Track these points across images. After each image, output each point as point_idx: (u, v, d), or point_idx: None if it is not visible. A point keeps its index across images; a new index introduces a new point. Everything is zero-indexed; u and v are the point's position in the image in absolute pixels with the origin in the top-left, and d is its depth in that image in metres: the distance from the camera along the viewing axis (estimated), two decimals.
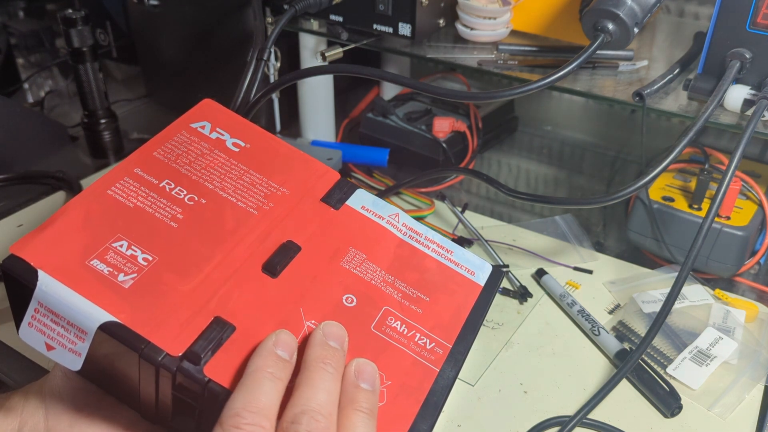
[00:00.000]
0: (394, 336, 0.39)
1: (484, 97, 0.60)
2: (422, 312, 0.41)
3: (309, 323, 0.38)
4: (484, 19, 0.67)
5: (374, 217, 0.45)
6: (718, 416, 0.50)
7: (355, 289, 0.40)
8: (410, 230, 0.45)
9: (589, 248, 0.68)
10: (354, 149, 0.80)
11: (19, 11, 1.05)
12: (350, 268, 0.41)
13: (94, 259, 0.36)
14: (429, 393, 0.37)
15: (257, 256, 0.40)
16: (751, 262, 0.63)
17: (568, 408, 0.50)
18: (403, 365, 0.38)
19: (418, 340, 0.39)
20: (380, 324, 0.39)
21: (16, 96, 0.98)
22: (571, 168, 0.84)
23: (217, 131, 0.45)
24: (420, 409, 0.37)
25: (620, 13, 0.54)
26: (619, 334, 0.57)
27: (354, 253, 0.42)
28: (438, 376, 0.38)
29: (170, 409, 0.37)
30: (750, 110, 0.53)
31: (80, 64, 0.77)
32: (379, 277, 0.42)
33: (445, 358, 0.39)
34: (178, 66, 0.86)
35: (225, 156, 0.44)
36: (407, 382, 0.37)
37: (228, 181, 0.43)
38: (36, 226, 0.37)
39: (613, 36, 0.55)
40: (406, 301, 0.41)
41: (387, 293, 0.41)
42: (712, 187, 0.63)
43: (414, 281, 0.42)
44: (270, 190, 0.43)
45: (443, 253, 0.45)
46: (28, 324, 0.35)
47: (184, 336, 0.35)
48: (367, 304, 0.40)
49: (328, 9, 0.70)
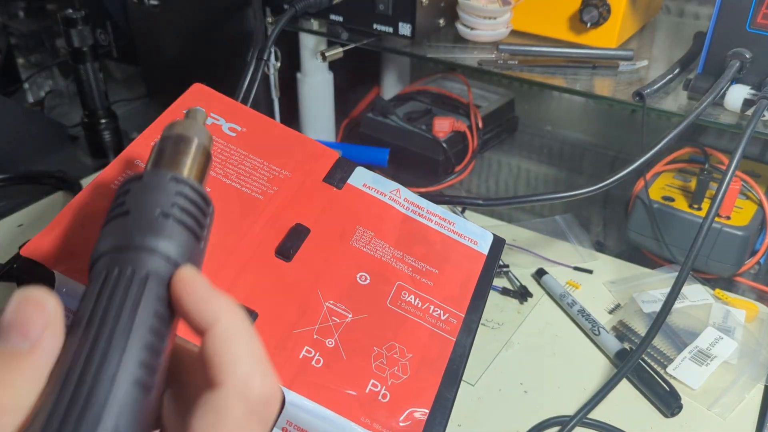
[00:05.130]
0: (409, 310, 0.40)
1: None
2: (433, 284, 0.42)
3: (328, 304, 0.38)
4: (484, 18, 0.67)
5: (377, 194, 0.46)
6: (718, 416, 0.50)
7: (367, 267, 0.41)
8: (412, 205, 0.46)
9: (589, 248, 0.68)
10: (354, 149, 0.80)
11: (19, 11, 1.05)
12: (360, 247, 0.42)
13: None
14: (449, 362, 0.38)
15: (268, 241, 0.40)
16: (751, 262, 0.63)
17: (568, 408, 0.50)
18: (421, 338, 0.39)
19: (433, 312, 0.40)
20: (395, 299, 0.40)
21: (17, 96, 0.98)
22: (571, 168, 0.84)
23: (211, 116, 0.45)
24: (442, 378, 0.38)
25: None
26: (619, 333, 0.57)
27: (362, 232, 0.43)
28: (455, 346, 0.39)
29: None
30: (750, 110, 0.53)
31: (80, 64, 0.77)
32: (389, 253, 0.42)
33: (460, 328, 0.40)
34: (178, 66, 0.86)
35: (223, 142, 0.44)
36: (427, 354, 0.38)
37: (230, 167, 0.43)
38: (36, 226, 0.37)
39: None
40: (416, 275, 0.42)
41: (398, 269, 0.42)
42: (712, 187, 0.63)
43: (422, 255, 0.43)
44: (272, 174, 0.43)
45: (446, 225, 0.46)
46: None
47: None
48: (381, 281, 0.41)
49: (328, 9, 0.70)
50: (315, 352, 0.36)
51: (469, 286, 0.43)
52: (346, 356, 0.37)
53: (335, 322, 0.38)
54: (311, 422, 0.34)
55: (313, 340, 0.37)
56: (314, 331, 0.37)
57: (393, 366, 0.37)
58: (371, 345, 0.38)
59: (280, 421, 0.35)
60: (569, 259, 0.66)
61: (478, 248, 0.45)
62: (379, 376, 0.37)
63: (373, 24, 0.69)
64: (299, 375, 0.35)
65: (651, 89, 0.58)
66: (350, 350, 0.37)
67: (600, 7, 0.64)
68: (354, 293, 0.39)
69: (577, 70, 0.65)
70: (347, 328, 0.38)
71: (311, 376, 0.35)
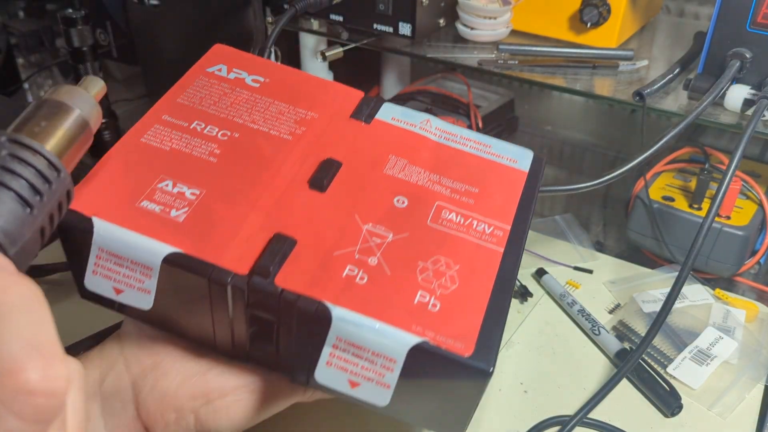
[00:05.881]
0: (452, 226, 0.39)
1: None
2: (474, 202, 0.41)
3: (367, 227, 0.38)
4: (484, 18, 0.67)
5: (406, 125, 0.45)
6: (718, 416, 0.50)
7: (404, 191, 0.41)
8: (445, 132, 0.45)
9: (589, 248, 0.68)
10: None
11: (19, 11, 1.04)
12: (394, 174, 0.42)
13: (144, 200, 0.37)
14: (499, 272, 0.38)
15: (301, 176, 0.40)
16: (751, 261, 0.63)
17: (568, 408, 0.50)
18: (467, 251, 0.38)
19: (477, 226, 0.40)
20: (436, 218, 0.40)
21: (16, 96, 0.97)
22: (571, 168, 0.84)
23: (234, 71, 0.46)
24: (493, 286, 0.37)
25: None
26: (619, 333, 0.57)
27: (395, 160, 0.43)
28: (504, 256, 0.39)
29: (246, 336, 0.37)
30: (750, 110, 0.53)
31: (80, 64, 0.77)
32: (425, 177, 0.42)
33: (507, 239, 0.39)
34: (178, 66, 0.86)
35: (248, 92, 0.45)
36: (475, 265, 0.38)
37: (256, 113, 0.43)
38: None
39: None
40: (456, 195, 0.41)
41: (435, 191, 0.41)
42: (712, 186, 0.63)
43: (459, 176, 0.43)
44: (299, 116, 0.44)
45: (482, 148, 0.45)
46: (92, 272, 0.35)
47: (247, 256, 0.35)
48: (419, 203, 0.40)
49: (328, 9, 0.70)
50: (358, 270, 0.36)
51: (513, 201, 0.42)
52: (390, 272, 0.36)
53: (376, 243, 0.38)
54: (361, 335, 0.34)
55: (355, 259, 0.37)
56: (355, 252, 0.37)
57: (440, 278, 0.37)
58: (415, 260, 0.37)
59: (329, 339, 0.34)
60: (569, 258, 0.66)
61: (518, 166, 0.45)
62: (427, 287, 0.36)
63: (373, 24, 0.69)
64: (345, 291, 0.35)
65: (651, 89, 0.58)
66: (394, 266, 0.37)
67: (600, 7, 0.64)
68: (392, 215, 0.39)
69: (577, 70, 0.65)
70: (389, 246, 0.38)
71: (356, 291, 0.35)
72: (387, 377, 0.34)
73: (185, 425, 0.39)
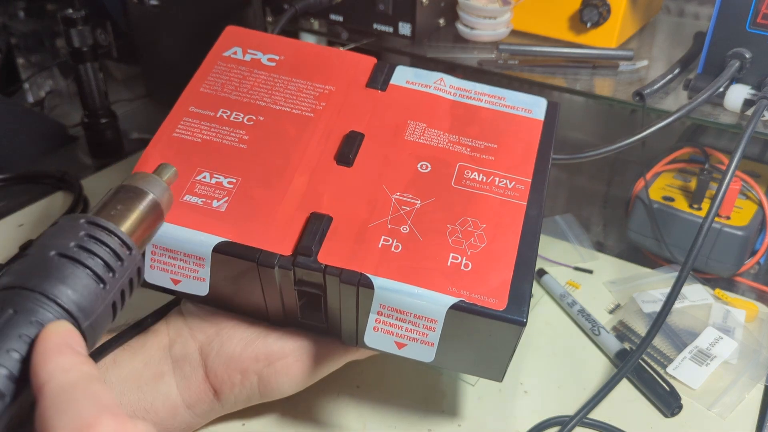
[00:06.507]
0: (475, 186, 0.41)
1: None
2: (494, 159, 0.43)
3: (395, 196, 0.40)
4: (484, 18, 0.67)
5: (421, 87, 0.47)
6: (718, 416, 0.50)
7: (426, 156, 0.43)
8: (459, 89, 0.47)
9: (589, 248, 0.68)
10: None
11: (19, 11, 1.04)
12: (415, 139, 0.44)
13: (186, 194, 0.39)
14: (524, 225, 0.40)
15: (327, 152, 0.42)
16: (751, 262, 0.63)
17: (568, 408, 0.50)
18: (492, 208, 0.40)
19: (499, 183, 0.42)
20: (459, 179, 0.42)
21: (17, 96, 0.97)
22: (571, 168, 0.84)
23: (249, 53, 0.48)
24: (520, 240, 0.39)
25: None
26: (619, 333, 0.57)
27: (414, 125, 0.44)
28: (527, 209, 0.41)
29: (297, 308, 0.40)
30: (750, 110, 0.53)
31: (80, 64, 0.77)
32: (444, 139, 0.44)
33: (529, 192, 0.42)
34: (178, 66, 0.86)
35: (265, 73, 0.47)
36: (501, 221, 0.40)
37: (276, 94, 0.45)
38: (36, 225, 0.38)
39: None
40: (476, 153, 0.43)
41: (456, 151, 0.43)
42: (712, 187, 0.63)
43: (477, 134, 0.44)
44: (317, 91, 0.46)
45: (496, 101, 0.47)
46: (150, 267, 0.38)
47: (288, 237, 0.38)
48: (442, 166, 0.42)
49: (328, 9, 0.70)
50: (392, 240, 0.39)
51: (531, 153, 0.44)
52: (422, 238, 0.39)
53: (406, 210, 0.40)
54: (402, 300, 0.37)
55: (388, 229, 0.39)
56: (387, 222, 0.39)
57: (469, 238, 0.39)
58: (444, 223, 0.40)
59: (373, 307, 0.37)
60: (569, 259, 0.66)
61: (533, 116, 0.46)
62: (458, 249, 0.39)
63: (373, 24, 0.69)
64: (382, 261, 0.38)
65: (651, 89, 0.58)
66: (425, 232, 0.39)
67: (600, 7, 0.64)
68: (418, 182, 0.41)
69: (577, 70, 0.65)
70: (418, 213, 0.40)
71: (393, 260, 0.38)
72: (430, 336, 0.37)
73: (249, 385, 0.42)
